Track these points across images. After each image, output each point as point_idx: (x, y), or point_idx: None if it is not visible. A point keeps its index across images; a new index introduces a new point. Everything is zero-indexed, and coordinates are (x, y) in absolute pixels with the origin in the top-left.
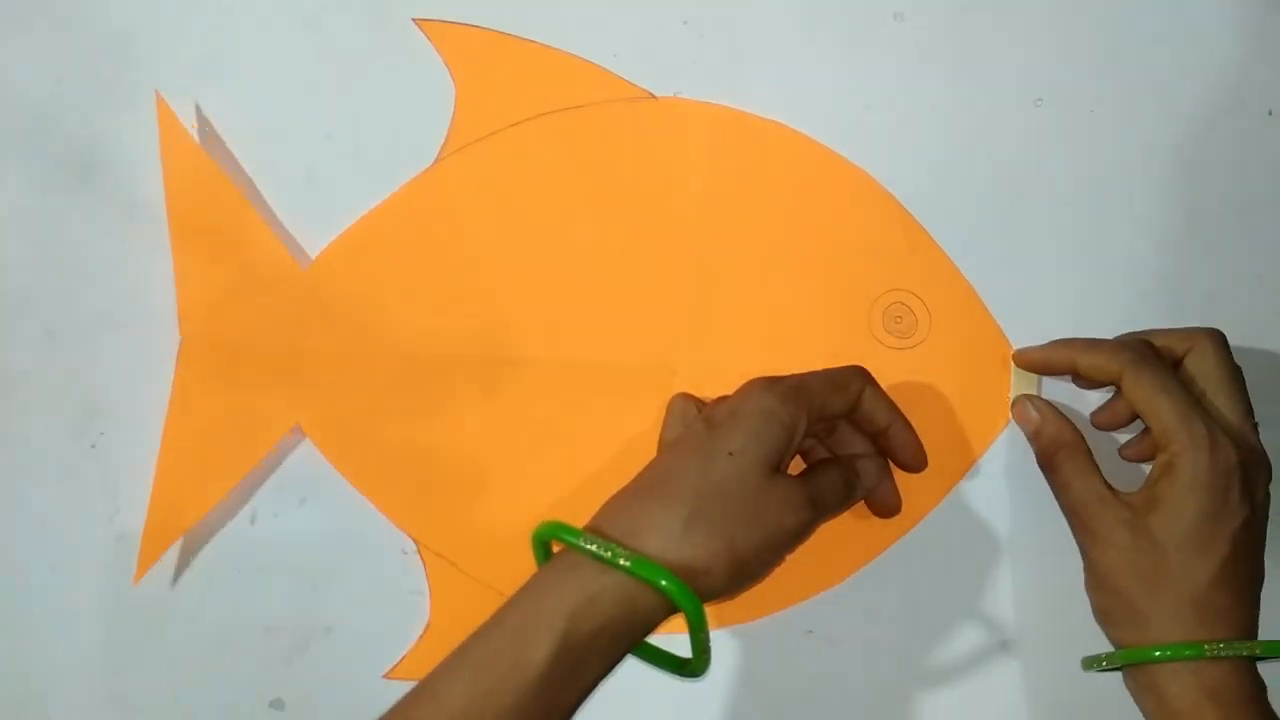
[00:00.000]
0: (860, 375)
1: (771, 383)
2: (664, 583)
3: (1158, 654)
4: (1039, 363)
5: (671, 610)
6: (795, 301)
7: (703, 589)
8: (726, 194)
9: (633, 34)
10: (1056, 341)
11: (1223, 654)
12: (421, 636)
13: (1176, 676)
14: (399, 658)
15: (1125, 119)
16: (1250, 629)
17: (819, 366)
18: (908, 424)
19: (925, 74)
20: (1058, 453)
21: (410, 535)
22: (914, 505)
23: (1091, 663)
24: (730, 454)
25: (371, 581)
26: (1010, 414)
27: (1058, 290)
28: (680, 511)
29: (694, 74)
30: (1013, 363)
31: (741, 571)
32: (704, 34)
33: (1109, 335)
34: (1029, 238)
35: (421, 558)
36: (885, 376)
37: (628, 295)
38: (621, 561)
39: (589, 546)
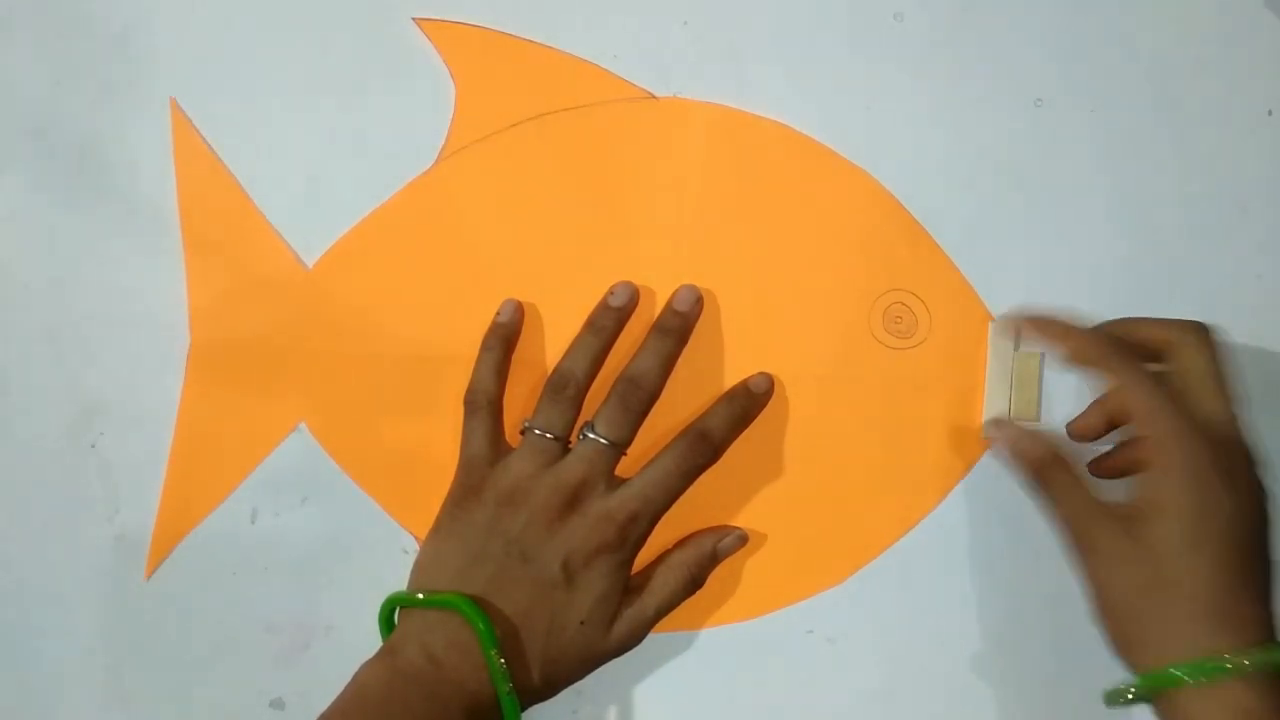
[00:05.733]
0: (703, 459)
1: (624, 538)
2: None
3: (1174, 671)
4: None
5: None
6: (795, 302)
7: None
8: (726, 194)
9: (633, 34)
10: (1034, 319)
11: (1247, 668)
12: None
13: (1202, 699)
14: None
15: (1125, 119)
16: (1270, 630)
17: (819, 369)
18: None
19: (926, 74)
20: (1045, 468)
21: (413, 533)
22: (916, 504)
23: (1114, 697)
24: (581, 623)
25: (372, 581)
26: (984, 437)
27: (1057, 289)
28: (537, 656)
29: (694, 74)
30: (989, 337)
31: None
32: (703, 34)
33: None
34: (1029, 237)
35: None
36: (886, 377)
37: None
38: (509, 704)
39: (500, 680)
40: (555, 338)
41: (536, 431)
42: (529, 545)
